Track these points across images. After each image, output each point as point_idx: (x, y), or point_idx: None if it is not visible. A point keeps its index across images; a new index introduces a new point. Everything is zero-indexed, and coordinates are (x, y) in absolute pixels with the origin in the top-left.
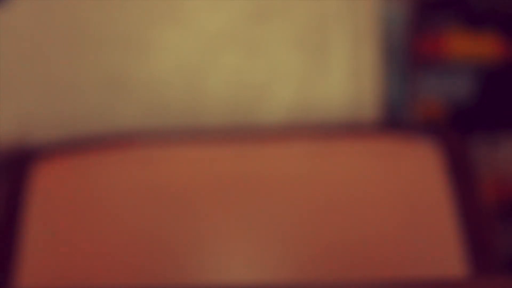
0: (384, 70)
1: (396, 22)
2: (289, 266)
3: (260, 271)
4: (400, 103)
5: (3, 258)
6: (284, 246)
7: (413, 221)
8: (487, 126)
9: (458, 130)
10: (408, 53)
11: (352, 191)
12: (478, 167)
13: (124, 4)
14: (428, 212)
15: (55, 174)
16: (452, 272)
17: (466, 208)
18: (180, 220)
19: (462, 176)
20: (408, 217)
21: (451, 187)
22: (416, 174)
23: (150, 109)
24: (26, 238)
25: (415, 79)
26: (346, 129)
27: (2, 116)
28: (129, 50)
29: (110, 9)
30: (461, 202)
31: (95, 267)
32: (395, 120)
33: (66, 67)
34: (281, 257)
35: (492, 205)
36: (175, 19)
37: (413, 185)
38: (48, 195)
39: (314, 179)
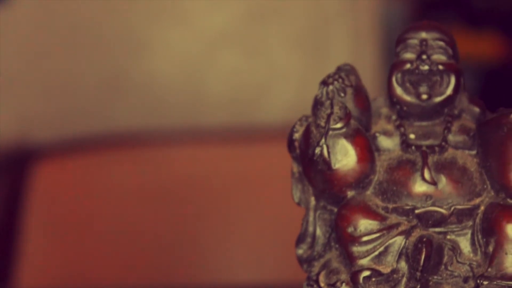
0: (384, 70)
1: (396, 22)
2: (290, 265)
3: (261, 271)
4: None
5: (3, 258)
6: (284, 246)
7: None
8: None
9: None
10: None
11: None
12: None
13: (125, 4)
14: None
15: (55, 174)
16: None
17: None
18: (180, 219)
19: None
20: None
21: None
22: None
23: (150, 109)
24: (26, 238)
25: None
26: None
27: (2, 116)
28: (129, 50)
29: (110, 9)
30: None
31: (95, 266)
32: None
33: (66, 67)
34: (281, 256)
35: None
36: (175, 19)
37: None
38: (48, 195)
39: None
